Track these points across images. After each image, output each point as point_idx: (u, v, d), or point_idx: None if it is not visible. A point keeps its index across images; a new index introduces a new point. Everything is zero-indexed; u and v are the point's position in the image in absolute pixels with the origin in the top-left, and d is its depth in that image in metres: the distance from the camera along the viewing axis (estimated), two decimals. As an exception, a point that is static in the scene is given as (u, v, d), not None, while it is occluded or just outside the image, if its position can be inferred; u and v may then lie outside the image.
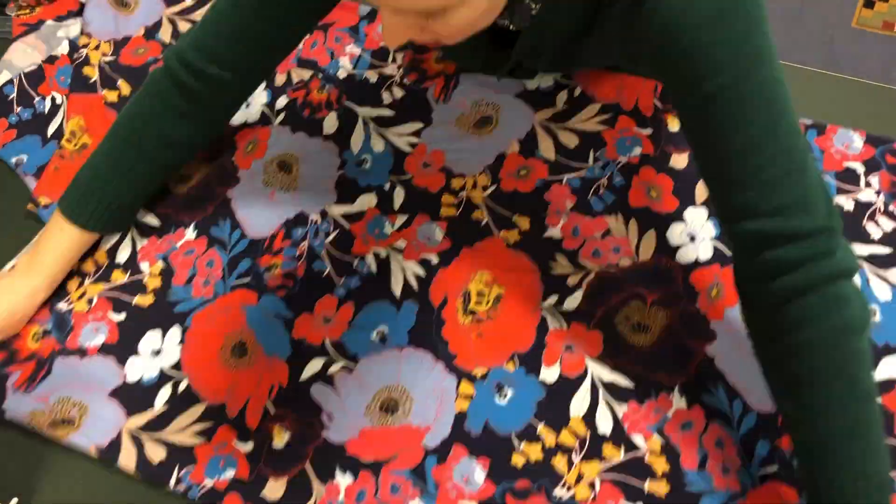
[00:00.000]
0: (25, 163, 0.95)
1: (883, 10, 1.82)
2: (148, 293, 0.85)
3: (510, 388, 0.75)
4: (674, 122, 0.86)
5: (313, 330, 0.80)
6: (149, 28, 1.06)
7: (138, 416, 0.78)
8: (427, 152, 0.90)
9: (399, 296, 0.81)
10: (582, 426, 0.73)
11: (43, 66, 1.02)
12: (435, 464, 0.72)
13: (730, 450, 0.70)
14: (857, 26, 1.82)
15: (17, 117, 0.99)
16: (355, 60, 0.98)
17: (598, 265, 0.80)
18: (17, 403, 0.78)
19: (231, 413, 0.77)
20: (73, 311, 0.84)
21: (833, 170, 0.80)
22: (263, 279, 0.84)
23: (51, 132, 0.98)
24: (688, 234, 0.80)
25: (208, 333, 0.82)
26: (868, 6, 1.82)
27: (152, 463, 0.75)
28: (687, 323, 0.75)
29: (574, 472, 0.71)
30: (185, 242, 0.88)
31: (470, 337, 0.78)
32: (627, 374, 0.74)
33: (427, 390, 0.76)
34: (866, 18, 1.82)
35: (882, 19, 1.82)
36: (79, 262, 0.87)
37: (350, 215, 0.87)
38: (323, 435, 0.75)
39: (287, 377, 0.78)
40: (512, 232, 0.83)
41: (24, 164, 0.95)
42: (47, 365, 0.81)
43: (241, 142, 0.94)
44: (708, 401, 0.72)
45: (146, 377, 0.80)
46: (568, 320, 0.78)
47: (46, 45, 1.05)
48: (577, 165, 0.86)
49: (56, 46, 1.05)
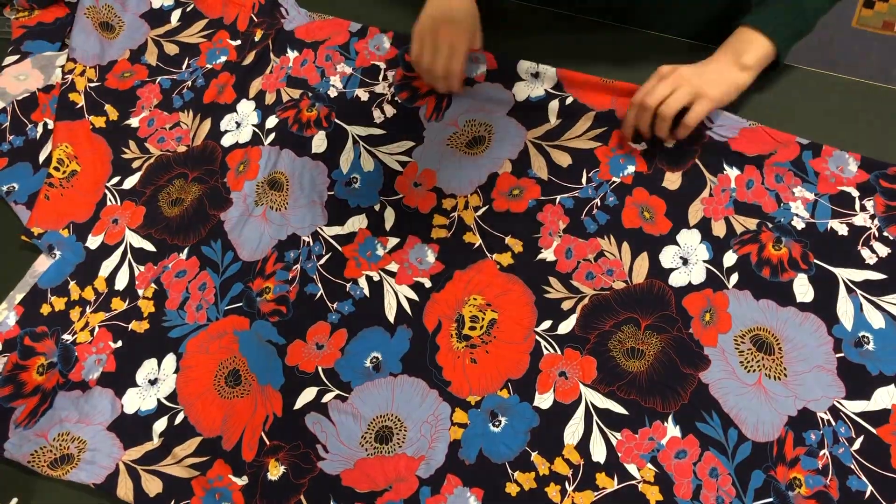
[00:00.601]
0: (16, 191, 0.94)
1: (883, 10, 1.79)
2: (143, 319, 0.84)
3: (504, 415, 0.74)
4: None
5: (306, 357, 0.80)
6: (133, 51, 1.05)
7: (135, 450, 0.77)
8: (418, 172, 0.88)
9: (393, 321, 0.80)
10: (576, 454, 0.72)
11: (37, 94, 1.01)
12: (429, 495, 0.72)
13: (724, 480, 0.69)
14: (857, 26, 1.79)
15: (10, 145, 0.98)
16: (346, 79, 0.97)
17: (591, 288, 0.79)
18: (18, 443, 0.78)
19: (227, 446, 0.76)
20: (76, 342, 0.84)
21: (827, 193, 0.79)
22: (256, 304, 0.83)
23: (42, 159, 0.97)
24: (680, 257, 0.79)
25: (202, 361, 0.81)
26: (868, 6, 1.80)
27: (149, 495, 0.74)
28: (681, 348, 0.74)
29: (567, 502, 0.70)
30: (176, 263, 0.87)
31: (464, 363, 0.77)
32: (621, 401, 0.73)
33: (421, 419, 0.75)
34: (866, 18, 1.79)
35: (882, 19, 1.79)
36: (79, 290, 0.87)
37: (341, 237, 0.86)
38: (318, 466, 0.74)
39: (281, 407, 0.77)
40: (505, 255, 0.82)
41: (14, 193, 0.94)
42: (50, 399, 0.81)
43: (233, 163, 0.93)
44: (702, 429, 0.71)
45: (143, 409, 0.79)
46: (562, 346, 0.76)
47: (44, 74, 1.04)
48: (570, 186, 0.84)
49: (52, 75, 1.03)
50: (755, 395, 0.71)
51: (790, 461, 0.68)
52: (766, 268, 0.76)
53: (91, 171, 0.95)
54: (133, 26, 1.06)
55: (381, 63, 0.97)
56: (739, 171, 0.81)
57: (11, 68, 1.03)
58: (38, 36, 1.06)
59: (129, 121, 0.99)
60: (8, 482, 0.77)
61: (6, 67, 1.03)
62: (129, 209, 0.92)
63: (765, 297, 0.75)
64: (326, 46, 1.00)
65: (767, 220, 0.78)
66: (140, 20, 1.07)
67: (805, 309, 0.74)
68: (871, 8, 1.79)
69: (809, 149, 0.81)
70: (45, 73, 1.03)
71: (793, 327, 0.73)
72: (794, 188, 0.80)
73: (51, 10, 1.08)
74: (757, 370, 0.72)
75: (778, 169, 0.81)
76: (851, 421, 0.69)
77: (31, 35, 1.06)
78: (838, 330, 0.73)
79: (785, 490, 0.67)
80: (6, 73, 1.03)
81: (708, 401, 0.72)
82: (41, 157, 0.97)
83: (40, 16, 1.08)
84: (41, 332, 0.85)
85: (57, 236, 0.91)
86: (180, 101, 1.00)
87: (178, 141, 0.97)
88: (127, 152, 0.97)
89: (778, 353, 0.73)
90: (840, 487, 0.67)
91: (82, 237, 0.91)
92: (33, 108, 1.00)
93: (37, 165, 0.96)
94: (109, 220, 0.92)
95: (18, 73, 1.03)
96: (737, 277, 0.76)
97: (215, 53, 1.03)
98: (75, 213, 0.92)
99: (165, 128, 0.98)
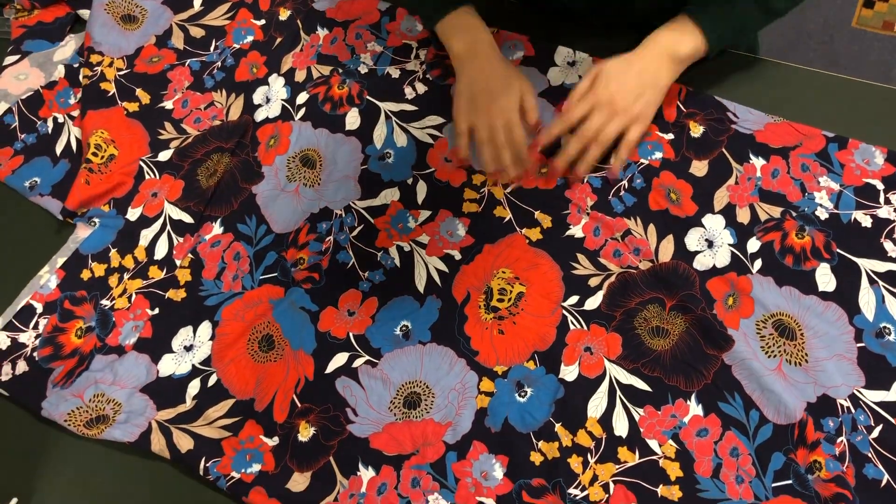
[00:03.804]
0: (40, 184, 0.93)
1: (883, 10, 1.77)
2: (180, 287, 0.83)
3: (530, 386, 0.73)
4: (696, 128, 0.83)
5: (338, 323, 0.78)
6: (159, 36, 1.02)
7: (168, 411, 0.76)
8: (449, 146, 0.86)
9: (422, 291, 0.79)
10: (598, 428, 0.70)
11: (41, 91, 0.99)
12: (455, 460, 0.70)
13: (744, 459, 0.68)
14: (857, 26, 1.77)
15: (23, 143, 0.96)
16: (376, 57, 0.94)
17: (618, 266, 0.77)
18: (55, 402, 0.77)
19: (259, 407, 0.75)
20: (114, 308, 0.82)
21: (852, 185, 0.77)
22: (290, 273, 0.81)
23: (59, 150, 0.95)
24: (706, 239, 0.77)
25: (237, 328, 0.79)
26: (868, 6, 1.77)
27: (181, 451, 0.73)
28: (705, 329, 0.73)
29: (589, 473, 0.69)
30: (212, 236, 0.85)
31: (491, 334, 0.76)
32: (645, 378, 0.72)
33: (449, 386, 0.74)
34: (866, 18, 1.77)
35: (882, 19, 1.77)
36: (120, 258, 0.85)
37: (373, 209, 0.84)
38: (347, 429, 0.73)
39: (313, 371, 0.76)
40: (534, 230, 0.80)
41: (38, 186, 0.92)
42: (87, 361, 0.79)
43: (263, 137, 0.91)
44: (725, 409, 0.70)
45: (177, 373, 0.78)
46: (588, 321, 0.75)
47: (44, 72, 1.01)
48: (599, 165, 0.83)
49: (53, 72, 1.01)
50: (776, 380, 0.70)
51: (811, 444, 0.67)
52: (790, 256, 0.75)
53: (128, 153, 0.93)
54: (156, 13, 1.04)
55: (414, 42, 0.94)
56: (765, 160, 0.80)
57: (11, 68, 1.01)
58: (37, 35, 1.04)
59: (163, 104, 0.96)
60: (8, 482, 0.75)
61: (6, 68, 1.01)
62: (167, 182, 0.90)
63: (787, 285, 0.74)
64: (357, 25, 0.97)
65: (791, 209, 0.77)
66: (163, 6, 1.04)
67: (827, 298, 0.72)
68: (871, 8, 1.77)
69: (835, 141, 0.79)
70: (44, 71, 1.01)
71: (815, 315, 0.72)
72: (819, 178, 0.78)
73: (51, 9, 1.05)
74: (778, 355, 0.71)
75: (804, 160, 0.79)
76: (870, 410, 0.68)
77: (31, 35, 1.03)
78: (860, 320, 0.71)
79: (804, 473, 0.66)
80: (6, 73, 1.00)
81: (731, 382, 0.70)
82: (58, 149, 0.95)
83: (40, 15, 1.05)
84: (80, 297, 0.83)
85: (98, 212, 0.89)
86: (212, 81, 0.97)
87: (213, 119, 0.94)
88: (163, 133, 0.94)
89: (800, 338, 0.71)
90: (856, 474, 0.65)
91: (122, 210, 0.89)
92: (39, 105, 0.98)
93: (55, 158, 0.95)
94: (149, 194, 0.89)
95: (18, 73, 1.00)
96: (760, 263, 0.75)
97: (241, 34, 1.00)
98: (115, 190, 0.90)
99: (200, 108, 0.96)
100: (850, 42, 1.74)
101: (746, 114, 0.83)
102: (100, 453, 0.76)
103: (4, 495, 0.74)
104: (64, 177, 0.92)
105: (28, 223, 0.90)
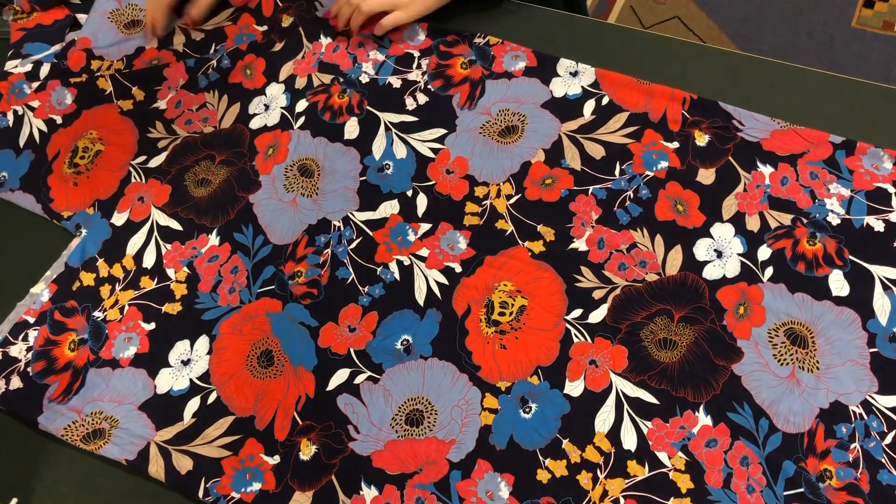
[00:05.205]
0: (8, 179, 0.91)
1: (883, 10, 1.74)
2: (176, 301, 0.80)
3: (534, 402, 0.70)
4: (701, 137, 0.80)
5: (338, 339, 0.75)
6: (161, 39, 1.00)
7: (167, 430, 0.73)
8: (450, 159, 0.84)
9: (422, 304, 0.76)
10: (606, 442, 0.68)
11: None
12: (459, 479, 0.68)
13: (755, 469, 0.65)
14: (857, 26, 1.74)
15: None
16: (378, 66, 0.92)
17: (623, 279, 0.74)
18: (52, 417, 0.74)
19: (260, 425, 0.72)
20: (106, 319, 0.79)
21: (863, 189, 0.74)
22: (288, 287, 0.78)
23: (22, 142, 0.93)
24: (715, 249, 0.74)
25: (235, 343, 0.77)
26: (868, 6, 1.74)
27: (180, 473, 0.70)
28: (714, 340, 0.70)
29: (599, 489, 0.66)
30: (209, 248, 0.82)
31: (493, 349, 0.73)
32: (652, 390, 0.69)
33: (451, 402, 0.71)
34: (866, 18, 1.74)
35: (882, 19, 1.74)
36: (108, 266, 0.82)
37: (372, 222, 0.81)
38: (350, 447, 0.70)
39: (314, 388, 0.73)
40: (536, 243, 0.77)
41: (7, 182, 0.91)
42: (82, 376, 0.76)
43: (261, 146, 0.88)
44: (734, 418, 0.67)
45: (175, 389, 0.75)
46: (592, 334, 0.72)
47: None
48: (604, 177, 0.80)
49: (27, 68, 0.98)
50: (787, 387, 0.67)
51: (821, 453, 0.65)
52: (801, 262, 0.72)
53: (116, 149, 0.91)
54: None
55: (416, 51, 0.92)
56: (773, 168, 0.77)
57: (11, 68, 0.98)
58: (37, 38, 1.01)
59: (157, 103, 0.94)
60: (8, 482, 0.73)
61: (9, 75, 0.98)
62: (154, 187, 0.87)
63: (800, 291, 0.71)
64: (360, 33, 0.94)
65: (802, 216, 0.74)
66: None
67: (840, 303, 0.70)
68: (871, 8, 1.74)
69: (843, 147, 0.76)
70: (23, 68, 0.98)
71: (827, 321, 0.69)
72: (829, 185, 0.75)
73: (50, 12, 1.03)
74: (790, 363, 0.68)
75: (812, 167, 0.76)
76: (883, 416, 0.65)
77: (31, 37, 1.01)
78: (873, 325, 0.69)
79: (815, 481, 0.64)
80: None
81: (740, 392, 0.68)
82: (21, 141, 0.93)
83: (39, 18, 1.02)
84: (71, 307, 0.80)
85: (84, 215, 0.86)
86: (205, 80, 0.95)
87: (204, 122, 0.92)
88: (153, 132, 0.92)
89: (812, 346, 0.69)
90: (871, 480, 0.63)
91: (107, 213, 0.86)
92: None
93: (17, 149, 0.93)
94: (135, 198, 0.87)
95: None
96: (772, 271, 0.72)
97: (241, 38, 0.98)
98: (100, 190, 0.88)
99: (192, 109, 0.93)
100: (850, 42, 1.71)
101: (752, 121, 0.80)
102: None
103: (4, 495, 0.72)
104: (29, 168, 0.91)
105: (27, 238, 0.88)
